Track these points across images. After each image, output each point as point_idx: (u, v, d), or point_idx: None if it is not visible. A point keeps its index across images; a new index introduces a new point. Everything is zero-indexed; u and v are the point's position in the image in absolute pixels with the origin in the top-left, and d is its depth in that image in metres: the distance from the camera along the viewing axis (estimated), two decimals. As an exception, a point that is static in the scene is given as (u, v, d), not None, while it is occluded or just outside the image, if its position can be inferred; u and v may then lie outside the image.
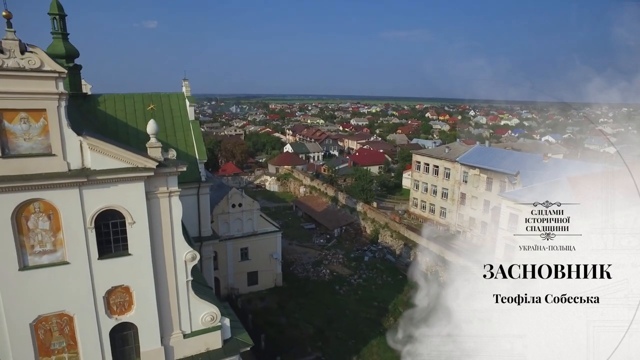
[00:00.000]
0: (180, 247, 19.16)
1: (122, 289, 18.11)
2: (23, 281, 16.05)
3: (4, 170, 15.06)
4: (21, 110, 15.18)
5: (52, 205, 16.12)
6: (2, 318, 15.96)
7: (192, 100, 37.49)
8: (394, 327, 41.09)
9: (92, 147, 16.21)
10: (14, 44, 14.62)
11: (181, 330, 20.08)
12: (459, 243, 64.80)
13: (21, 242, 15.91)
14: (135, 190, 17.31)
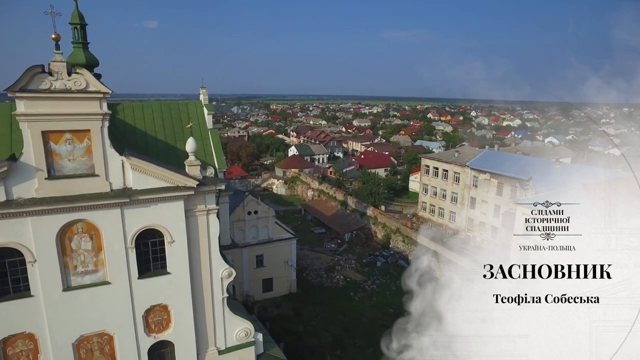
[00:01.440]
0: (217, 264, 19.12)
1: (161, 307, 18.07)
2: (66, 302, 16.00)
3: (50, 192, 15.00)
4: (67, 132, 15.12)
5: (95, 225, 16.06)
6: (47, 338, 15.92)
7: (210, 109, 37.35)
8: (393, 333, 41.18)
9: (134, 167, 16.14)
10: (61, 66, 14.57)
11: (216, 347, 20.06)
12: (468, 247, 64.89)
13: (65, 263, 15.86)
14: (175, 209, 17.26)
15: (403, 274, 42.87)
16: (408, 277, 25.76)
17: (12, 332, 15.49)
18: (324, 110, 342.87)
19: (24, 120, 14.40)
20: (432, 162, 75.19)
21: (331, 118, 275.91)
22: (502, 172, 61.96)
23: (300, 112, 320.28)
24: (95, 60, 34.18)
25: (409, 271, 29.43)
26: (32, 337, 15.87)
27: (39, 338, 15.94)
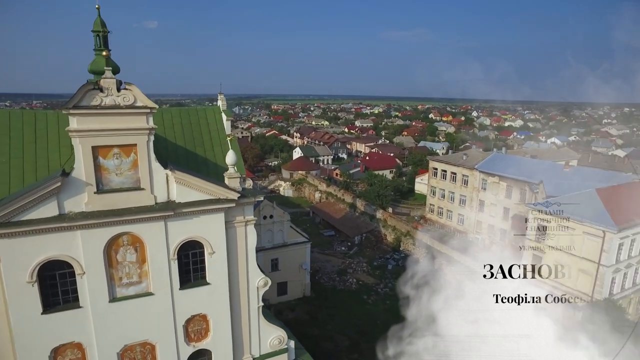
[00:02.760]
0: (253, 274, 19.46)
1: (200, 317, 18.39)
2: (112, 312, 16.31)
3: (99, 205, 15.30)
4: (115, 146, 15.42)
5: (139, 238, 16.37)
6: (94, 348, 16.24)
7: (229, 115, 37.62)
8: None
9: (178, 180, 16.45)
10: (112, 82, 14.87)
11: (251, 354, 20.40)
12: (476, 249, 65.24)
13: (111, 275, 16.17)
14: (216, 221, 17.58)
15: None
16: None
17: (62, 341, 15.81)
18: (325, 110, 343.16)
19: (76, 136, 14.70)
20: (441, 164, 75.50)
21: (333, 118, 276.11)
22: (511, 175, 62.29)
23: (301, 113, 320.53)
24: (117, 68, 34.40)
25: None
26: (80, 346, 16.19)
27: (87, 347, 16.26)
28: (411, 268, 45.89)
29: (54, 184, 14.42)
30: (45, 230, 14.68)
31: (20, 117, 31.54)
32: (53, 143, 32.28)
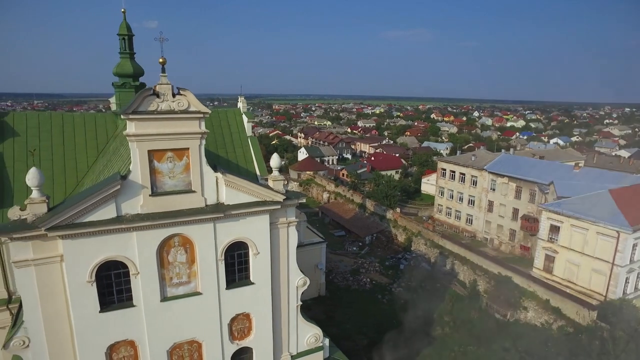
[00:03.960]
0: (294, 273, 19.99)
1: (244, 315, 18.89)
2: (163, 311, 16.79)
3: (153, 208, 15.78)
4: (169, 150, 15.89)
5: (190, 239, 16.86)
6: (146, 345, 16.72)
7: (250, 117, 38.10)
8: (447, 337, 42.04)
9: (227, 183, 16.93)
10: (167, 88, 15.33)
11: (289, 352, 20.90)
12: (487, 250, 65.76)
13: (162, 275, 16.65)
14: (261, 222, 18.09)
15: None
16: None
17: (117, 339, 16.28)
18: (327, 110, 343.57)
19: (134, 140, 15.15)
20: (449, 165, 76.09)
21: (335, 119, 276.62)
22: (521, 176, 62.93)
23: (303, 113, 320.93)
24: (141, 70, 34.99)
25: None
26: (132, 344, 16.66)
27: (139, 345, 16.73)
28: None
29: (114, 187, 14.88)
30: (105, 231, 15.14)
31: (48, 120, 32.20)
32: (80, 145, 32.94)
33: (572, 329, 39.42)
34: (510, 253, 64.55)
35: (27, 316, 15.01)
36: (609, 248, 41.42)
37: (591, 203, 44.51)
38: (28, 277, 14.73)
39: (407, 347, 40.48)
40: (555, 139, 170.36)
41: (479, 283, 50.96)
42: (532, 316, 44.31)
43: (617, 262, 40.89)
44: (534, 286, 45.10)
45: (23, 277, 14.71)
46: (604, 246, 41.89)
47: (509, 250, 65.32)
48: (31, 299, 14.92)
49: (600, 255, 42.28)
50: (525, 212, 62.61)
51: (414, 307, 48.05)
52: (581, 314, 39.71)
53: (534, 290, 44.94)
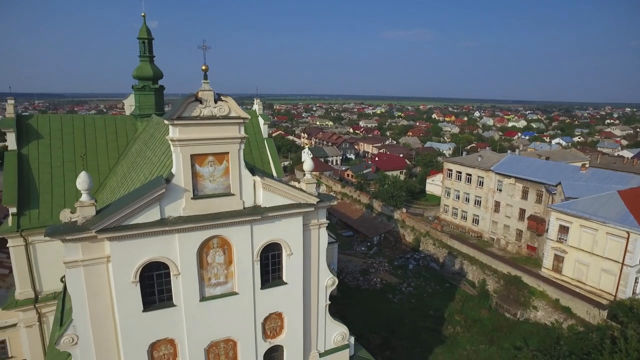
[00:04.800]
0: (323, 273, 20.54)
1: (276, 314, 19.43)
2: (201, 311, 17.32)
3: (194, 210, 16.31)
4: (210, 154, 16.42)
5: (228, 240, 17.38)
6: (184, 344, 17.25)
7: (266, 119, 38.62)
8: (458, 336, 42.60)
9: (265, 186, 17.46)
10: (210, 95, 15.85)
11: (317, 350, 21.46)
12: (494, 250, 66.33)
13: (201, 276, 17.17)
14: (295, 224, 18.63)
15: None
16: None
17: (158, 337, 16.80)
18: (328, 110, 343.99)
19: (178, 145, 15.66)
20: (456, 166, 76.66)
21: (337, 119, 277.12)
22: (528, 177, 63.51)
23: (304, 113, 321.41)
24: (160, 73, 35.53)
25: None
26: (172, 342, 17.18)
27: (178, 343, 17.24)
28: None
29: (159, 190, 15.39)
30: (149, 233, 15.66)
31: (70, 122, 32.75)
32: (101, 147, 33.51)
33: (582, 328, 40.02)
34: (517, 253, 65.15)
35: (76, 314, 15.53)
36: (618, 248, 42.03)
37: (600, 204, 45.12)
38: (77, 277, 15.25)
39: (419, 345, 41.10)
40: (558, 139, 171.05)
41: (488, 283, 51.56)
42: (541, 315, 44.93)
43: (627, 262, 41.50)
44: (543, 286, 45.71)
45: (73, 277, 15.22)
46: (613, 246, 42.50)
47: (516, 251, 65.92)
48: (80, 298, 15.44)
49: (609, 256, 42.89)
50: (532, 213, 63.20)
51: (425, 306, 48.67)
52: (591, 313, 40.32)
53: (543, 289, 45.56)
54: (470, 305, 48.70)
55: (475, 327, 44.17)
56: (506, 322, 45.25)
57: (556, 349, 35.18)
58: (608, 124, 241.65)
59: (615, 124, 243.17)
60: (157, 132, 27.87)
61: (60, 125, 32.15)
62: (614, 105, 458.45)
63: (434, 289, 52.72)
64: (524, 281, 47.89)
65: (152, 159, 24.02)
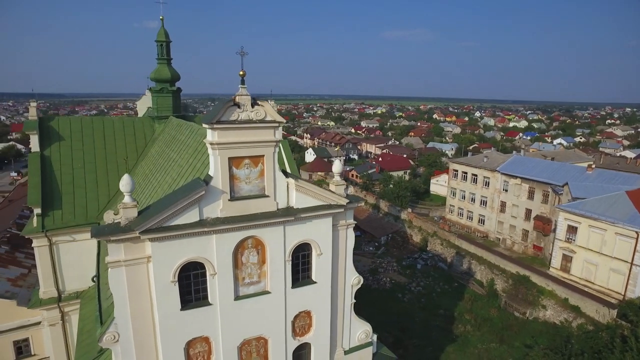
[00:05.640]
0: (350, 272, 21.04)
1: (305, 313, 19.90)
2: (235, 310, 17.77)
3: (231, 211, 16.76)
4: (246, 157, 16.88)
5: (262, 241, 17.84)
6: (219, 342, 17.71)
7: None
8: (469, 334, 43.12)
9: (298, 188, 17.93)
10: (247, 99, 16.31)
11: (342, 348, 21.96)
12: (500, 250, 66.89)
13: (236, 275, 17.63)
14: (325, 225, 19.11)
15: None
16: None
17: (194, 335, 17.24)
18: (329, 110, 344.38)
19: (217, 148, 16.10)
20: (461, 166, 77.20)
21: (338, 119, 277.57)
22: (535, 178, 64.08)
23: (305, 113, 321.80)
24: (177, 75, 35.98)
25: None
26: (207, 340, 17.63)
27: (213, 341, 17.69)
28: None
29: (200, 192, 15.85)
30: (188, 234, 16.12)
31: (90, 124, 33.22)
32: (120, 148, 34.01)
33: (592, 327, 40.59)
34: (523, 253, 65.72)
35: (118, 313, 15.97)
36: (627, 248, 42.59)
37: (609, 204, 45.68)
38: (119, 277, 15.69)
39: (431, 344, 41.64)
40: (559, 140, 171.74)
41: (497, 282, 52.14)
42: (550, 314, 45.50)
43: (636, 261, 42.06)
44: (552, 285, 46.30)
45: (115, 277, 15.66)
46: (622, 246, 43.06)
47: (522, 250, 66.49)
48: (121, 297, 15.87)
49: (618, 255, 43.45)
50: (539, 213, 63.78)
51: (434, 305, 49.21)
52: (601, 312, 40.88)
53: (552, 289, 46.14)
54: (479, 305, 49.28)
55: (486, 326, 44.74)
56: (515, 321, 45.82)
57: (567, 348, 35.70)
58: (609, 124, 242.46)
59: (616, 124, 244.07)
60: (179, 134, 28.34)
61: (81, 127, 32.60)
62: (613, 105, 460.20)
63: (442, 288, 53.27)
64: (532, 280, 48.47)
65: (178, 161, 24.51)
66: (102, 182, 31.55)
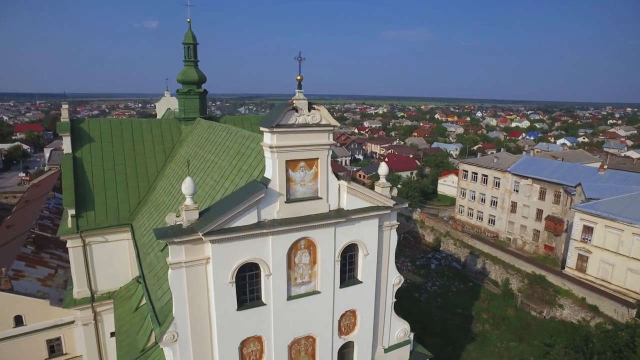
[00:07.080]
0: (392, 272, 21.45)
1: (350, 312, 20.29)
2: (287, 309, 18.12)
3: (287, 213, 17.11)
4: (301, 160, 17.23)
5: (313, 242, 18.20)
6: (271, 341, 18.06)
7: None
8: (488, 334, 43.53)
9: (349, 190, 18.30)
10: (304, 104, 16.66)
11: (382, 346, 22.35)
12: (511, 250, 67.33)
13: (288, 275, 17.98)
14: (372, 226, 19.49)
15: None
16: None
17: (248, 335, 17.59)
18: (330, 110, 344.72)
19: (275, 152, 16.44)
20: (471, 167, 77.66)
21: (339, 119, 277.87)
22: (546, 178, 64.54)
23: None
24: (203, 77, 36.26)
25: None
26: (260, 339, 17.97)
27: (265, 340, 18.04)
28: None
29: (260, 194, 16.19)
30: (246, 236, 16.45)
31: (119, 126, 33.55)
32: (149, 150, 34.31)
33: (611, 326, 41.03)
34: (534, 253, 66.20)
35: (177, 313, 16.29)
36: (645, 248, 43.04)
37: (625, 204, 46.16)
38: (179, 278, 16.01)
39: (451, 342, 42.05)
40: (562, 140, 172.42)
41: (512, 282, 52.57)
42: (567, 314, 45.96)
43: (653, 261, 42.52)
44: (568, 284, 46.76)
45: (175, 278, 15.97)
46: (639, 246, 43.52)
47: (533, 250, 66.97)
48: (181, 297, 16.20)
49: (636, 255, 43.92)
50: (550, 213, 64.26)
51: (451, 305, 49.62)
52: (620, 312, 41.34)
53: (569, 288, 46.61)
54: (495, 304, 49.72)
55: (503, 325, 45.17)
56: (533, 320, 46.28)
57: (588, 346, 36.11)
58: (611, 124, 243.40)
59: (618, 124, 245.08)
60: (213, 135, 28.63)
61: (110, 129, 32.86)
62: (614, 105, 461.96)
63: (458, 288, 53.71)
64: (548, 280, 48.93)
65: (218, 163, 24.79)
66: (132, 183, 31.82)
